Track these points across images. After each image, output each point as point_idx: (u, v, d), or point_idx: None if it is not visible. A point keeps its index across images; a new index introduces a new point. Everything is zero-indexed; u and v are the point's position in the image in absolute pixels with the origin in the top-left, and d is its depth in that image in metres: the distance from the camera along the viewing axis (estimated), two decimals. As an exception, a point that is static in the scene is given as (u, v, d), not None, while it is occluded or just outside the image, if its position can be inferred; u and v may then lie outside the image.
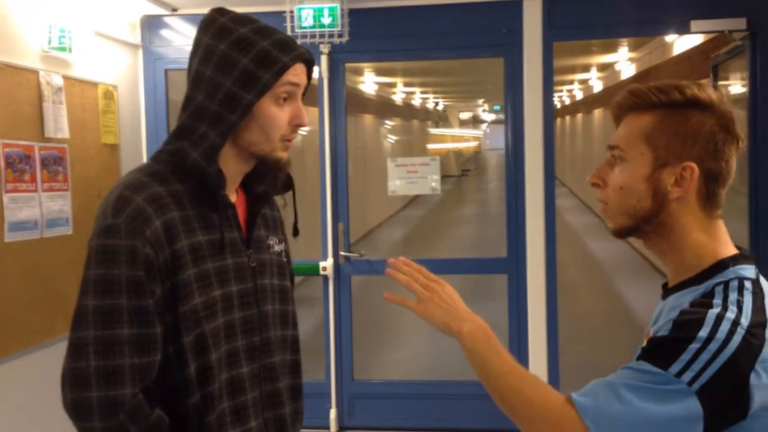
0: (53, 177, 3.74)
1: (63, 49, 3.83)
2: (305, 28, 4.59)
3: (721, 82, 5.33)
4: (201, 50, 1.54)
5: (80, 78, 4.05)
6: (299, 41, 4.63)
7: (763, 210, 4.43)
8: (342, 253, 4.81)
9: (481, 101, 21.99)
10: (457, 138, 25.43)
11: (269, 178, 1.63)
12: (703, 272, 1.29)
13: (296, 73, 1.54)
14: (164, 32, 4.81)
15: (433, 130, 21.16)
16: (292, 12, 4.59)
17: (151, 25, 4.82)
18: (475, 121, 28.32)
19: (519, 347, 4.66)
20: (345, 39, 4.59)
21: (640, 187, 1.31)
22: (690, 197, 1.30)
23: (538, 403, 1.26)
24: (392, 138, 15.57)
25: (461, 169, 24.73)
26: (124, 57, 4.64)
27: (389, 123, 15.07)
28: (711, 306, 1.21)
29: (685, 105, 1.29)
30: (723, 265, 1.28)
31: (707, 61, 5.59)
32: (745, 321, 1.19)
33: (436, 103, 20.11)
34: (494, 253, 5.37)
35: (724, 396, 1.16)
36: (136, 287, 1.41)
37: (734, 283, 1.25)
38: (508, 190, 4.72)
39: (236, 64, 1.49)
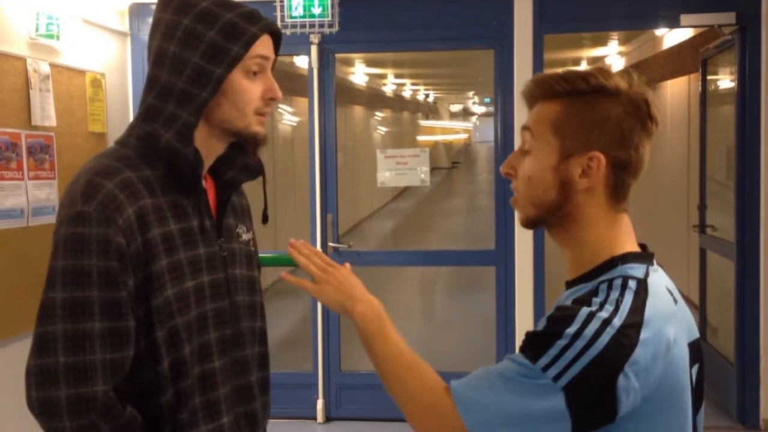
0: (40, 165, 3.71)
1: (50, 37, 3.80)
2: (295, 17, 4.58)
3: (710, 77, 5.35)
4: (161, 27, 1.46)
5: (68, 66, 4.02)
6: (289, 31, 4.63)
7: (750, 204, 4.45)
8: (331, 244, 4.80)
9: (471, 93, 22.00)
10: (447, 130, 25.43)
11: (239, 163, 1.57)
12: (595, 269, 1.27)
13: (264, 46, 1.48)
14: (153, 20, 4.77)
15: (424, 122, 21.16)
16: (282, 1, 4.57)
17: (139, 12, 4.79)
18: (466, 114, 28.33)
19: (506, 339, 4.68)
20: (335, 29, 4.57)
21: (546, 178, 1.27)
22: (598, 188, 1.27)
23: (417, 387, 1.28)
24: (382, 129, 15.55)
25: (451, 162, 24.76)
26: (113, 45, 4.61)
27: (379, 114, 15.05)
28: (589, 304, 1.19)
29: (591, 93, 1.25)
30: (612, 263, 1.26)
31: (697, 55, 5.61)
32: (618, 321, 1.15)
33: (427, 95, 20.10)
34: (483, 245, 5.39)
35: (590, 396, 1.14)
36: (108, 278, 1.34)
37: (617, 282, 1.22)
38: (497, 182, 4.72)
39: (202, 37, 1.42)
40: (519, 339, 4.56)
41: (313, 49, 4.69)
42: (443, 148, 22.98)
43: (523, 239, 4.60)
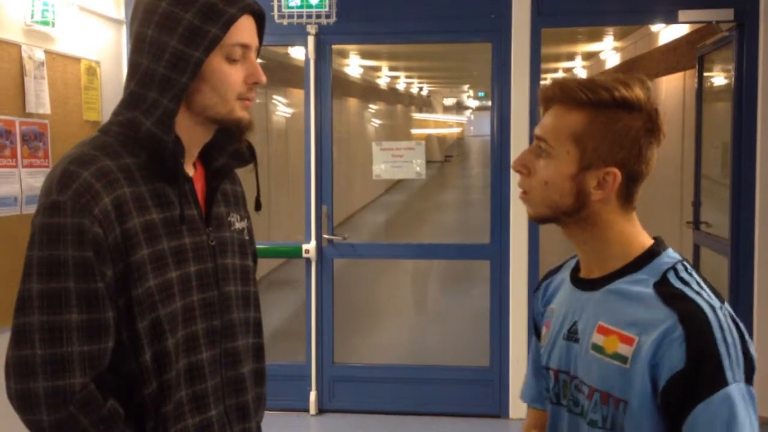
0: (34, 153, 3.68)
1: (46, 23, 3.77)
2: (292, 8, 4.55)
3: (706, 73, 5.35)
4: (140, 11, 1.43)
5: (63, 53, 3.99)
6: (285, 21, 4.60)
7: (745, 200, 4.45)
8: (325, 236, 4.79)
9: (466, 87, 21.96)
10: (440, 124, 25.40)
11: (230, 150, 1.53)
12: (636, 260, 1.33)
13: (246, 29, 1.44)
14: (149, 9, 4.73)
15: (417, 115, 21.13)
16: (279, -9, 4.54)
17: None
18: (459, 107, 28.30)
19: (500, 333, 4.68)
20: (332, 20, 4.55)
21: (564, 185, 1.32)
22: (611, 197, 1.33)
23: None
24: (376, 122, 15.53)
25: (444, 155, 24.74)
26: (108, 33, 4.58)
27: (373, 107, 15.02)
28: (689, 298, 1.25)
29: (613, 106, 1.29)
30: (654, 252, 1.33)
31: (693, 52, 5.60)
32: (717, 302, 1.25)
33: (421, 88, 20.06)
34: (475, 239, 5.39)
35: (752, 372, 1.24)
36: (84, 269, 1.32)
37: (680, 266, 1.31)
38: (493, 176, 4.72)
39: (180, 20, 1.38)
40: (513, 333, 4.58)
41: (310, 40, 4.66)
42: (436, 142, 22.97)
43: (518, 233, 4.60)
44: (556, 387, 1.43)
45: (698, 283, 1.28)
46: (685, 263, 1.32)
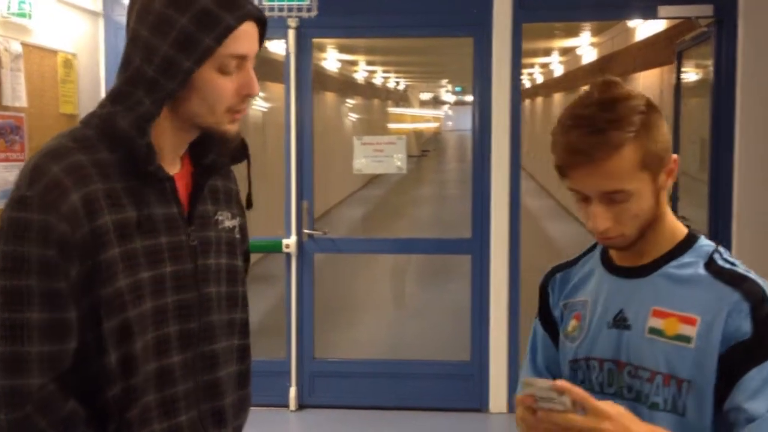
0: (10, 147, 3.63)
1: (22, 15, 3.71)
2: (273, 1, 4.51)
3: (684, 69, 5.38)
4: (137, 5, 1.38)
5: (39, 45, 3.93)
6: (266, 14, 4.54)
7: (723, 197, 4.48)
8: (306, 230, 4.76)
9: (443, 82, 21.98)
10: (417, 118, 25.38)
11: (219, 147, 1.49)
12: (679, 245, 1.41)
13: (244, 38, 1.37)
14: (127, 1, 4.67)
15: (394, 110, 21.10)
16: (259, -16, 4.50)
17: (112, -8, 4.68)
18: (436, 102, 28.32)
19: (481, 327, 4.68)
20: (314, 13, 4.51)
21: (649, 203, 1.37)
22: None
23: None
24: (353, 116, 15.48)
25: (420, 150, 24.74)
26: (85, 25, 4.51)
27: (350, 101, 14.97)
28: (744, 276, 1.34)
29: (640, 118, 1.35)
30: (693, 237, 1.42)
31: (670, 47, 5.63)
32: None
33: (398, 83, 20.04)
34: (453, 233, 5.39)
35: None
36: (47, 268, 1.28)
37: (721, 248, 1.40)
38: (474, 171, 4.71)
39: (174, 24, 1.32)
40: (493, 327, 4.59)
41: (291, 34, 4.63)
42: (413, 136, 22.96)
43: (500, 228, 4.61)
44: (600, 376, 1.43)
45: (740, 263, 1.37)
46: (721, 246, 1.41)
